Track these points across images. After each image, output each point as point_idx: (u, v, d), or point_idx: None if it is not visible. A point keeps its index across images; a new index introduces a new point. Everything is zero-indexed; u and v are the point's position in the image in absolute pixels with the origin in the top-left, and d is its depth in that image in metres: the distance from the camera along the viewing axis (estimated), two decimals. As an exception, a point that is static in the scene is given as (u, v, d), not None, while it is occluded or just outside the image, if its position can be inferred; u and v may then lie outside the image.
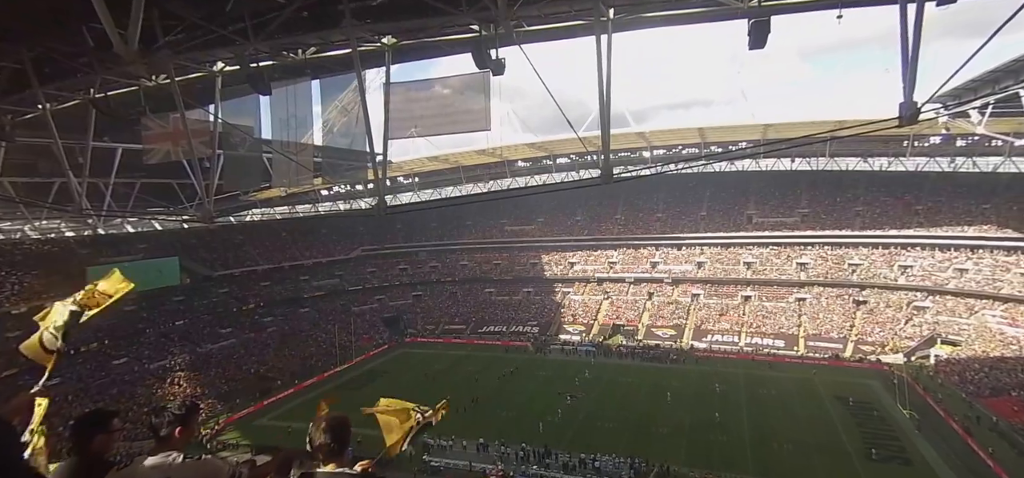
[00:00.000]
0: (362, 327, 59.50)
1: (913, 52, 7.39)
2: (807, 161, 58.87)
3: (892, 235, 54.42)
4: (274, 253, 65.44)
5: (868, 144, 53.01)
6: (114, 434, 3.05)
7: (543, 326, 59.13)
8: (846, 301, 52.37)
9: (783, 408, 34.88)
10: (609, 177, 9.78)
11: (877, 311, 50.24)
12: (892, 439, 29.90)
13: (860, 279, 53.09)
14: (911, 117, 7.60)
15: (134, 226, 56.31)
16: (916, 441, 29.51)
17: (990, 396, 33.92)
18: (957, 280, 47.96)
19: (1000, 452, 27.31)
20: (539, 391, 40.16)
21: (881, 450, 28.34)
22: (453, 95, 11.20)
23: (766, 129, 48.77)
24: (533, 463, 28.54)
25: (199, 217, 16.08)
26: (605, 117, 9.68)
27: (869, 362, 44.01)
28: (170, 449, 2.68)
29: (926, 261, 51.33)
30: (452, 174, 67.15)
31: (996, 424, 30.50)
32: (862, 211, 58.01)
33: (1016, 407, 31.83)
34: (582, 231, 70.33)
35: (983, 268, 47.59)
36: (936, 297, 48.41)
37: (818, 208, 60.58)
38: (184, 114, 9.52)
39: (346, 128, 14.21)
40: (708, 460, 27.81)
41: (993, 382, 35.54)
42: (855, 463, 27.38)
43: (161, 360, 44.83)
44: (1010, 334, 40.88)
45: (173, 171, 17.28)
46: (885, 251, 54.22)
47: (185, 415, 2.82)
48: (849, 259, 55.12)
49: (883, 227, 55.38)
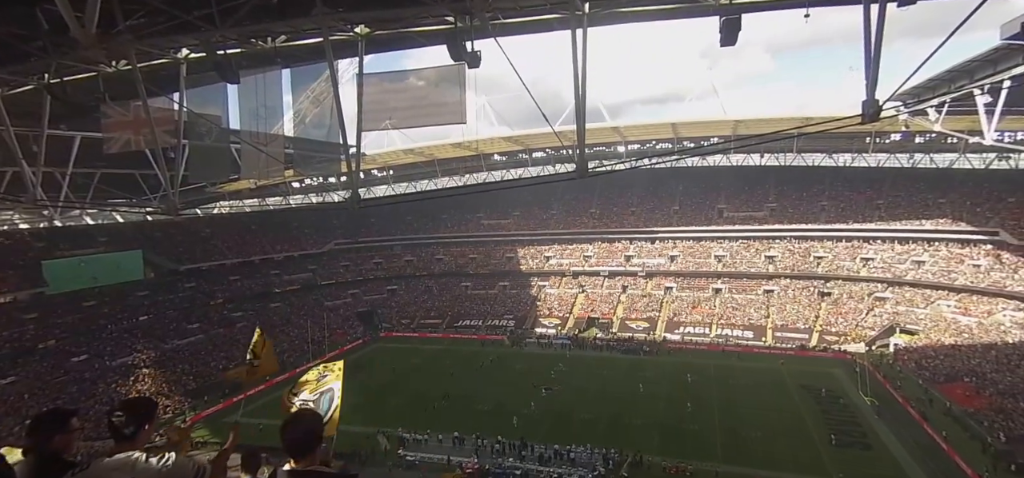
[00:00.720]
0: (336, 322, 58.61)
1: (876, 51, 7.64)
2: (775, 157, 60.63)
3: (855, 228, 56.47)
4: (244, 247, 63.83)
5: (833, 140, 54.98)
6: (73, 433, 2.96)
7: (519, 320, 59.35)
8: (812, 293, 54.15)
9: (752, 397, 35.90)
10: (584, 171, 9.85)
11: (841, 302, 52.11)
12: (854, 425, 31.15)
13: (825, 271, 54.93)
14: (873, 114, 7.86)
15: (94, 218, 54.18)
16: (876, 426, 30.82)
17: (944, 382, 35.62)
18: (915, 272, 50.10)
19: (953, 435, 28.77)
20: (515, 384, 40.34)
21: (843, 436, 29.50)
22: (428, 87, 11.08)
23: (736, 124, 49.90)
24: (509, 456, 28.71)
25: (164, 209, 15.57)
26: (580, 111, 9.74)
27: (833, 351, 45.64)
28: (131, 449, 2.59)
29: (886, 253, 53.45)
30: (427, 167, 66.61)
31: (949, 409, 32.08)
32: (827, 205, 59.99)
33: (968, 392, 33.53)
34: (558, 225, 70.74)
35: (939, 260, 49.82)
36: (895, 288, 50.47)
37: (785, 202, 62.36)
38: (147, 102, 9.15)
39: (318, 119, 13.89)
40: (680, 449, 28.47)
41: (947, 369, 37.32)
42: (819, 448, 28.44)
43: (124, 357, 43.27)
44: (963, 323, 43.00)
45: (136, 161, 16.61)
46: (848, 244, 56.24)
47: (146, 413, 2.73)
48: (814, 252, 56.98)
49: (847, 221, 57.39)
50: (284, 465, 2.57)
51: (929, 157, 54.97)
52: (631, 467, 26.88)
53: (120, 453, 2.56)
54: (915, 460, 26.72)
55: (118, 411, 2.67)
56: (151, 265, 52.42)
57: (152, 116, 9.64)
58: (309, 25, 9.42)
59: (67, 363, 40.59)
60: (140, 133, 9.94)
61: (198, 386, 41.75)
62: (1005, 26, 15.83)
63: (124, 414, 2.66)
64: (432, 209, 76.64)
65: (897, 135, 51.68)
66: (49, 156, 12.38)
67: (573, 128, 10.26)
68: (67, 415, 2.98)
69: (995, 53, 20.51)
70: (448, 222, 75.38)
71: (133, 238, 53.80)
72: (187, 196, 37.19)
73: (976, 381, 34.42)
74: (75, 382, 38.61)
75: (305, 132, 18.83)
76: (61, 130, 13.62)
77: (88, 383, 38.87)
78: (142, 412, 2.71)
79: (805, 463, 26.89)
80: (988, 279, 45.15)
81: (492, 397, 37.60)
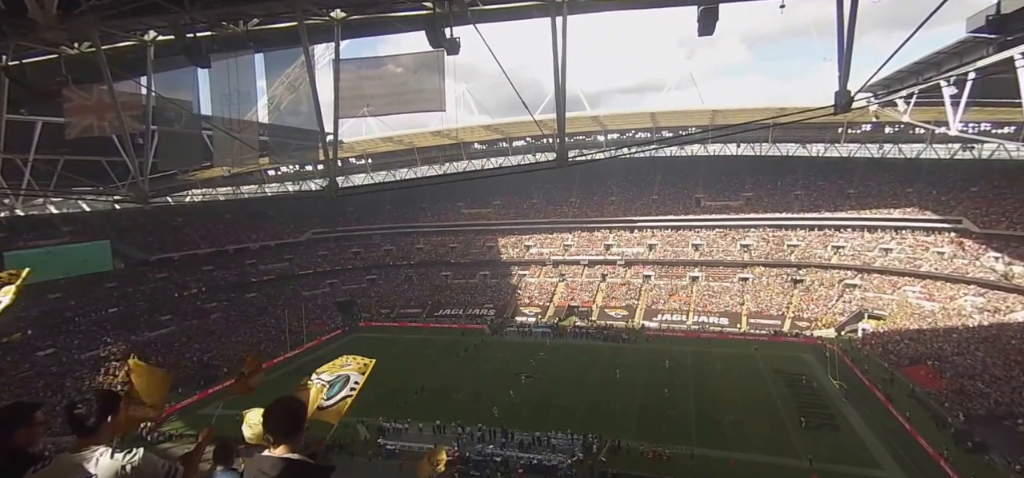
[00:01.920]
0: (313, 312, 57.92)
1: (848, 43, 7.80)
2: (751, 146, 61.67)
3: (827, 217, 58.01)
4: (217, 236, 62.39)
5: (806, 130, 56.23)
6: (37, 427, 2.88)
7: (500, 309, 59.49)
8: (785, 280, 55.53)
9: (726, 383, 36.79)
10: (564, 160, 9.85)
11: (812, 289, 53.59)
12: (822, 407, 32.20)
13: (798, 259, 56.36)
14: (845, 105, 8.04)
15: (58, 207, 52.22)
16: (843, 408, 31.93)
17: (909, 365, 37.05)
18: (883, 259, 51.78)
19: (915, 416, 30.00)
20: (496, 373, 40.53)
21: (812, 418, 30.48)
22: (406, 74, 10.91)
23: (714, 115, 50.58)
24: (489, 443, 28.90)
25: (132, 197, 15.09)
26: (561, 100, 9.71)
27: (804, 337, 47.00)
28: (94, 443, 2.51)
29: (856, 241, 55.08)
30: (406, 155, 65.94)
31: (913, 390, 33.41)
32: (801, 195, 61.42)
33: (930, 374, 34.97)
34: (538, 214, 70.89)
35: (906, 248, 51.58)
36: (864, 275, 52.12)
37: (761, 192, 63.61)
38: (112, 86, 8.81)
39: (293, 105, 13.57)
40: (657, 434, 29.05)
41: (911, 352, 38.82)
42: (789, 431, 29.37)
43: (93, 350, 42.06)
44: (927, 308, 44.73)
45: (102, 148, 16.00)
46: (821, 232, 57.77)
47: (107, 405, 2.64)
48: (788, 240, 58.38)
49: (819, 210, 58.89)
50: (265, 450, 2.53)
51: (898, 147, 56.62)
52: (610, 452, 27.35)
53: (84, 448, 2.49)
54: (880, 440, 27.82)
55: (78, 404, 2.58)
56: (120, 255, 50.86)
57: (118, 101, 9.29)
58: (283, 8, 9.18)
59: (33, 357, 39.28)
60: (105, 118, 9.57)
61: (172, 379, 40.83)
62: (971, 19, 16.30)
63: (84, 407, 2.57)
64: (411, 198, 75.99)
65: (868, 125, 53.10)
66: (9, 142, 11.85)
67: (553, 117, 10.24)
68: (29, 409, 2.89)
69: (961, 46, 21.13)
70: (428, 211, 74.89)
71: (100, 228, 52.06)
72: (157, 184, 36.13)
73: (938, 364, 35.90)
74: (41, 376, 37.41)
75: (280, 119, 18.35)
76: (22, 115, 13.02)
77: (55, 377, 37.70)
78: (103, 405, 2.62)
79: (776, 445, 27.76)
80: (951, 266, 47.00)
81: (472, 386, 37.72)
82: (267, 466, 2.38)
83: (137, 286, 52.21)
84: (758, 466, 25.68)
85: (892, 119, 42.74)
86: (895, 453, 26.46)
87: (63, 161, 17.24)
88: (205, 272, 58.60)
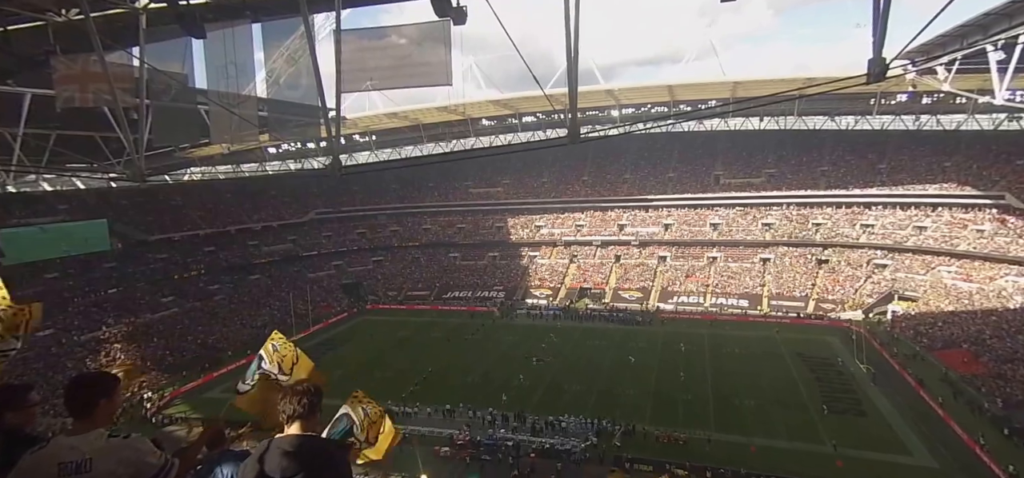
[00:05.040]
0: (319, 294, 58.56)
1: (884, 4, 7.50)
2: (775, 120, 60.57)
3: (856, 194, 57.02)
4: (218, 216, 63.03)
5: (835, 102, 54.98)
6: (31, 409, 2.91)
7: (509, 291, 59.71)
8: (809, 260, 54.95)
9: (745, 366, 36.70)
10: (576, 137, 9.64)
11: (838, 270, 52.97)
12: (848, 392, 32.04)
13: (823, 238, 55.64)
14: (879, 73, 7.73)
15: (52, 184, 52.97)
16: (871, 393, 31.73)
17: (942, 348, 36.62)
18: (916, 238, 50.86)
19: (948, 401, 29.73)
20: (506, 356, 40.84)
21: (837, 403, 30.36)
22: (410, 45, 10.72)
23: (735, 87, 49.67)
24: (501, 427, 29.24)
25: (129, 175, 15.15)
26: (573, 73, 9.47)
27: (829, 319, 46.65)
28: (91, 426, 2.52)
29: (887, 219, 54.15)
30: (412, 132, 65.84)
31: (946, 375, 33.07)
32: (828, 171, 60.38)
33: (966, 358, 34.52)
34: (549, 193, 70.61)
35: (941, 225, 50.57)
36: (895, 255, 51.34)
37: (785, 168, 62.66)
38: (102, 55, 8.75)
39: (293, 79, 13.44)
40: (673, 419, 29.15)
41: (945, 335, 38.33)
42: (812, 416, 29.27)
43: (93, 331, 42.98)
44: (963, 289, 43.95)
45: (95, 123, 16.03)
46: (848, 210, 56.86)
47: (104, 388, 2.64)
48: (813, 219, 57.59)
49: (847, 186, 57.89)
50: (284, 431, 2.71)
51: (936, 118, 55.07)
52: (623, 436, 27.53)
53: (80, 431, 2.50)
54: (909, 426, 27.63)
55: (74, 386, 2.58)
56: (117, 235, 51.56)
57: (109, 72, 9.24)
58: (280, -26, 9.03)
59: (31, 338, 40.14)
60: (95, 90, 9.54)
61: (175, 361, 41.70)
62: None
63: (80, 390, 2.57)
64: (417, 177, 76.04)
65: (903, 96, 51.73)
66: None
67: (565, 91, 10.01)
68: (22, 391, 2.91)
69: (1011, 6, 20.24)
70: (435, 191, 74.93)
71: (96, 206, 52.81)
72: (154, 161, 36.40)
73: (974, 348, 35.40)
74: (40, 358, 38.31)
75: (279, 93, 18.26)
76: (9, 86, 13.04)
77: (54, 359, 38.60)
78: (100, 388, 2.62)
79: (799, 431, 27.69)
80: (992, 244, 45.90)
81: (482, 369, 38.06)
82: (286, 445, 2.53)
83: (136, 266, 53.06)
84: (780, 452, 25.67)
85: (930, 88, 41.50)
86: (925, 439, 26.28)
87: (55, 136, 17.31)
88: (206, 253, 59.37)
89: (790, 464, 24.39)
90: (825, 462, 24.66)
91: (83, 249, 46.46)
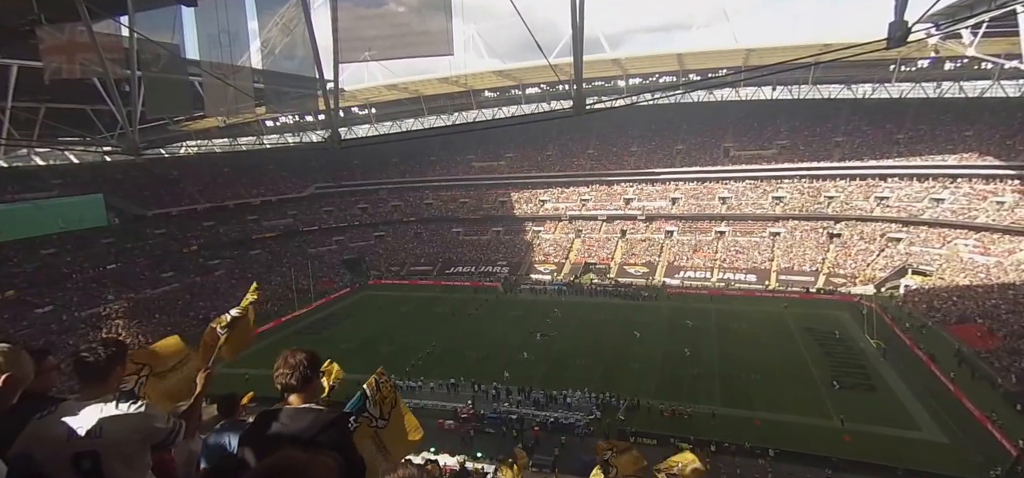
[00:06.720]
0: (321, 270, 58.89)
1: (907, -37, 7.25)
2: (788, 89, 59.61)
3: (871, 166, 56.27)
4: (216, 191, 63.11)
5: (852, 69, 53.69)
6: (50, 373, 2.93)
7: (513, 266, 59.84)
8: (820, 234, 54.62)
9: (753, 341, 36.85)
10: (582, 108, 9.48)
11: (850, 243, 52.66)
12: (858, 367, 32.17)
13: (835, 211, 55.17)
14: (901, 38, 7.51)
15: (45, 158, 52.99)
16: (881, 369, 31.86)
17: (956, 324, 36.52)
18: (933, 210, 50.21)
19: (961, 377, 29.77)
20: (510, 331, 41.14)
21: (847, 378, 30.51)
22: (409, 13, 10.52)
23: (748, 55, 48.74)
24: (505, 401, 29.61)
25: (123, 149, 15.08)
26: (578, 41, 9.27)
27: (840, 294, 46.58)
28: (102, 391, 2.53)
29: (903, 191, 53.45)
30: (413, 105, 65.26)
31: (958, 350, 33.07)
32: (842, 141, 59.56)
33: (980, 333, 34.45)
34: (553, 167, 70.18)
35: (960, 197, 49.84)
36: (910, 228, 50.85)
37: (797, 139, 61.86)
38: (89, 24, 8.62)
39: (289, 50, 13.22)
40: (678, 393, 29.43)
41: (959, 310, 38.17)
42: (821, 391, 29.45)
43: (93, 307, 43.47)
44: (980, 262, 43.51)
45: (86, 95, 15.91)
46: (863, 183, 56.21)
47: (115, 354, 2.66)
48: (826, 192, 57.03)
49: (862, 158, 57.13)
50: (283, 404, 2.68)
51: (958, 85, 53.81)
52: (628, 411, 27.84)
53: (90, 396, 2.51)
54: (920, 402, 27.77)
55: (84, 350, 2.59)
56: (113, 210, 51.80)
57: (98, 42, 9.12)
58: (271, -64, 8.80)
59: (30, 314, 40.69)
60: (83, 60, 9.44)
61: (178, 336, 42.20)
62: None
63: (91, 354, 2.58)
64: (419, 150, 75.64)
65: (925, 62, 50.41)
66: (-14, 89, 11.82)
67: (570, 61, 9.86)
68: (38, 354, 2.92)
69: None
70: (437, 165, 74.62)
71: (90, 181, 52.87)
72: (149, 135, 36.29)
73: (989, 322, 35.26)
74: (42, 334, 38.81)
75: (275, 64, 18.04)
76: (-5, 58, 12.96)
77: (56, 335, 39.12)
78: (111, 353, 2.64)
79: (807, 405, 27.91)
80: (1013, 216, 44.88)
81: (486, 344, 38.37)
82: (286, 417, 2.53)
83: (135, 242, 53.39)
84: (786, 426, 25.92)
85: (954, 53, 40.40)
86: (936, 415, 26.43)
87: (45, 109, 17.21)
88: (205, 228, 59.62)
89: (797, 438, 24.65)
90: (833, 436, 24.87)
91: (80, 225, 46.74)
